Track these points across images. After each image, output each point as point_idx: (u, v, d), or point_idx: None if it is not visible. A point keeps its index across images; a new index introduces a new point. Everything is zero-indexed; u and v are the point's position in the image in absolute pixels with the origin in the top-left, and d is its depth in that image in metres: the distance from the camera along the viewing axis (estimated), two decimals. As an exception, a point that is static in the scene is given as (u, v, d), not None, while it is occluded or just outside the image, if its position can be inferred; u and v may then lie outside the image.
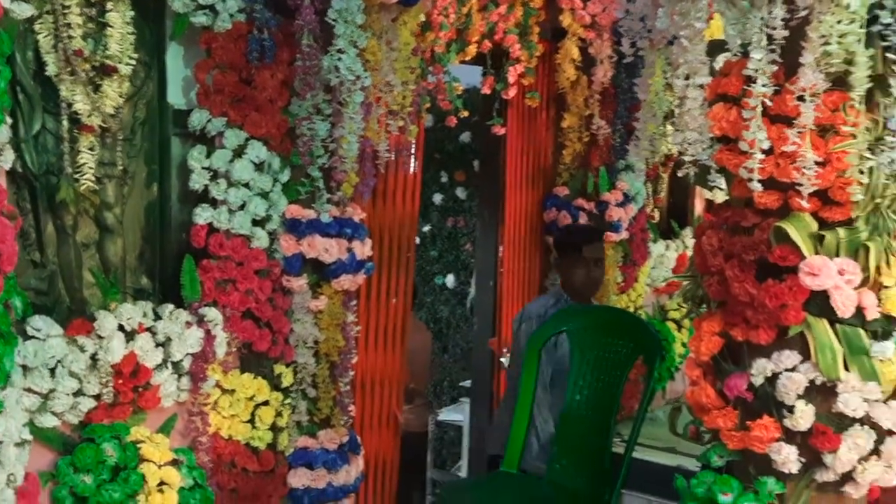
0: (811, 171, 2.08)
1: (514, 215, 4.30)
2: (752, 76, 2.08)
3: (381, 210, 3.65)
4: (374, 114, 3.11)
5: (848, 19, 2.01)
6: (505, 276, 4.31)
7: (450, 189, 6.55)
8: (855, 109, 2.08)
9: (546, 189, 4.42)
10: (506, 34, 3.92)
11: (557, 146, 4.43)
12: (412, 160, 3.77)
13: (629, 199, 4.54)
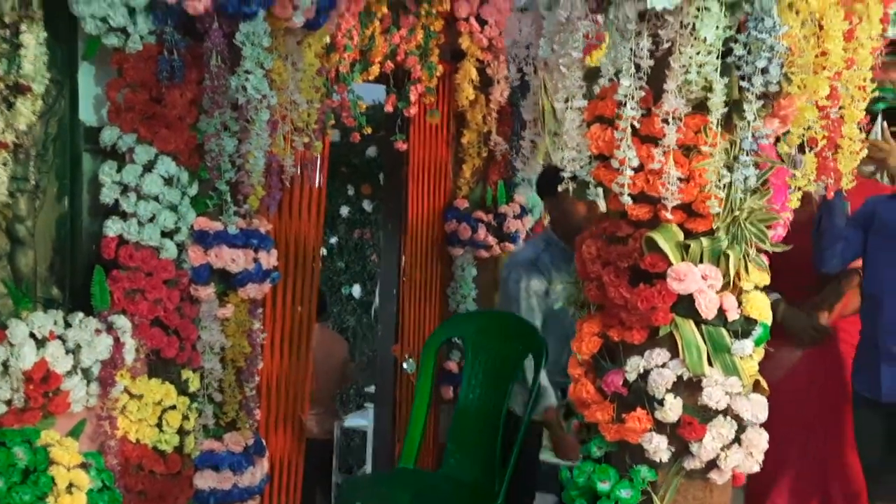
0: (674, 186, 2.32)
1: (416, 227, 4.50)
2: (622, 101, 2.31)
3: (288, 222, 3.80)
4: (280, 131, 3.26)
5: (705, 51, 2.25)
6: (407, 284, 4.49)
7: (356, 202, 6.72)
8: (713, 131, 2.32)
9: (446, 202, 4.63)
10: (407, 55, 4.12)
11: (457, 161, 4.65)
12: (317, 174, 3.93)
13: (526, 212, 4.77)
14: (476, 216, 4.60)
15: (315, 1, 3.13)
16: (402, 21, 4.05)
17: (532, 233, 4.79)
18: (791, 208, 2.59)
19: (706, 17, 2.21)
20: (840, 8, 2.31)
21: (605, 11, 2.36)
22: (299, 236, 3.87)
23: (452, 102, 4.52)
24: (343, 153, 6.41)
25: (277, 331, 3.79)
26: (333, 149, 4.35)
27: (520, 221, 4.69)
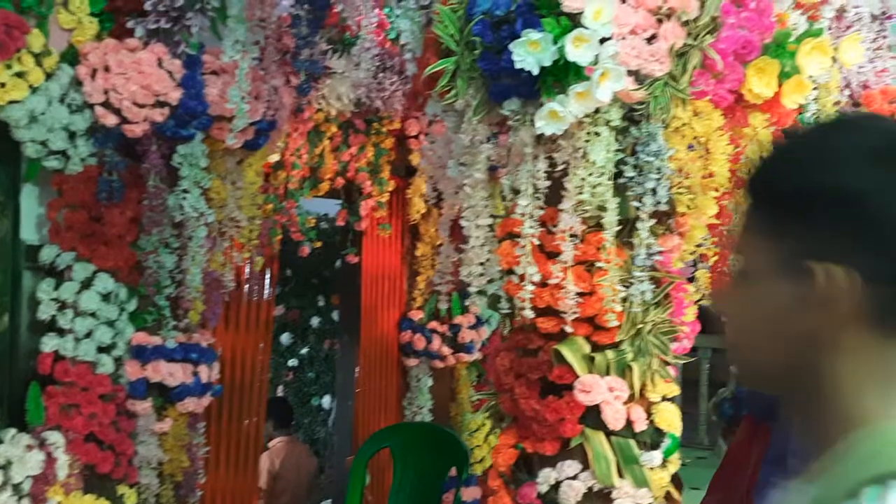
0: (573, 300, 2.40)
1: (371, 338, 4.57)
2: (522, 219, 2.41)
3: (234, 334, 3.88)
4: (220, 247, 3.37)
5: (598, 173, 2.36)
6: (362, 395, 4.54)
7: (327, 312, 6.81)
8: (609, 248, 2.42)
9: (401, 313, 4.71)
10: (358, 172, 4.26)
11: (412, 273, 4.75)
12: (265, 288, 4.02)
13: (482, 322, 4.84)
14: (430, 327, 4.68)
15: (255, 123, 3.27)
16: (353, 139, 4.20)
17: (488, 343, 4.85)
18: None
19: (596, 141, 2.33)
20: (724, 132, 2.44)
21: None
22: (246, 349, 3.94)
23: (405, 216, 4.64)
24: (314, 264, 6.53)
25: (222, 445, 3.83)
26: (305, 261, 4.47)
27: (475, 332, 4.76)
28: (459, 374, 4.59)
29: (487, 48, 2.33)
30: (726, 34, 2.32)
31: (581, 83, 2.22)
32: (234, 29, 2.99)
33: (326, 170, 4.11)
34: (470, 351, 4.74)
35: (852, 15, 3.57)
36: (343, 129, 4.16)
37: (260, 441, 4.05)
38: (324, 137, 4.06)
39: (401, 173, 4.57)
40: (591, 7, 2.20)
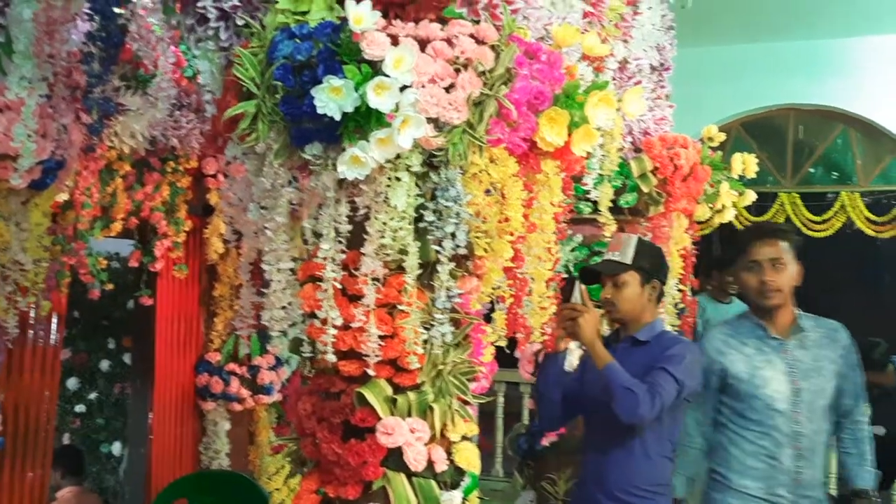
0: (376, 343, 2.43)
1: (166, 382, 4.44)
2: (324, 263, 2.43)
3: (17, 383, 3.67)
4: (2, 291, 3.19)
5: (399, 217, 2.42)
6: (156, 442, 4.39)
7: (117, 355, 6.54)
8: (410, 291, 2.47)
9: (198, 355, 4.60)
10: (153, 211, 4.15)
11: (210, 314, 4.65)
12: (52, 332, 3.84)
13: (281, 363, 4.80)
14: (229, 368, 4.59)
15: (42, 162, 3.13)
16: (147, 178, 4.09)
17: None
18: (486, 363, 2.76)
19: (397, 186, 2.38)
20: (519, 179, 2.56)
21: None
22: (31, 398, 3.74)
23: (203, 256, 4.55)
24: (105, 305, 6.26)
25: (3, 499, 3.60)
26: (94, 302, 4.29)
27: (274, 373, 4.71)
28: (259, 416, 4.53)
29: (289, 92, 2.34)
30: (520, 85, 2.43)
31: (382, 129, 2.27)
32: (20, 64, 2.87)
33: (119, 209, 3.98)
34: (269, 392, 4.68)
35: (634, 66, 3.84)
36: (137, 168, 4.05)
37: (45, 494, 3.83)
38: (116, 176, 3.93)
39: (198, 213, 4.49)
40: (392, 56, 2.26)
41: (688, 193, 4.36)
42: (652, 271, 3.32)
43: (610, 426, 3.19)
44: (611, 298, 3.31)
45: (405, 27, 2.32)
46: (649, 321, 3.34)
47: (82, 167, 3.67)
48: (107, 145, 3.77)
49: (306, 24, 2.39)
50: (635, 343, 3.32)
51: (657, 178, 4.25)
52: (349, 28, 2.26)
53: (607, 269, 3.32)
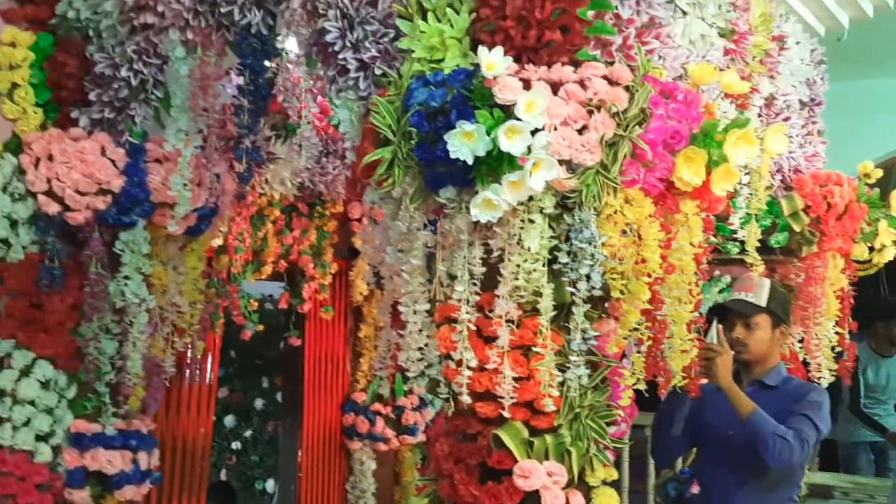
0: (510, 385, 2.43)
1: (314, 421, 4.55)
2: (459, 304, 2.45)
3: (175, 420, 3.84)
4: (160, 332, 3.36)
5: (532, 259, 2.42)
6: (304, 480, 4.50)
7: (271, 394, 6.75)
8: (545, 333, 2.47)
9: (344, 395, 4.71)
10: (300, 255, 4.29)
11: (355, 354, 4.76)
12: (207, 371, 4.01)
13: (425, 403, 4.85)
14: (374, 409, 4.67)
15: (197, 209, 3.30)
16: (295, 222, 4.24)
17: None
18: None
19: (530, 228, 2.39)
20: (656, 219, 2.52)
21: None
22: (187, 434, 3.90)
23: (348, 297, 4.67)
24: (258, 346, 6.48)
25: (161, 532, 3.77)
26: (249, 342, 4.47)
27: (419, 413, 4.77)
28: (403, 456, 4.58)
29: (423, 138, 2.40)
30: (655, 125, 2.40)
31: (514, 172, 2.29)
32: (177, 118, 3.04)
33: (269, 253, 4.14)
34: (414, 433, 4.73)
35: (781, 102, 3.72)
36: (286, 213, 4.21)
37: (200, 528, 3.98)
38: (267, 221, 4.10)
39: (344, 255, 4.61)
40: (524, 99, 2.28)
41: (843, 232, 4.18)
42: (783, 316, 3.31)
43: (738, 466, 3.18)
44: (742, 339, 3.30)
45: (537, 71, 2.34)
46: (774, 365, 3.34)
47: (235, 213, 3.85)
48: (257, 192, 3.95)
49: (441, 71, 2.45)
50: (764, 387, 3.30)
51: (809, 217, 4.10)
52: (482, 74, 2.30)
53: (741, 309, 3.27)
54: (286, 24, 2.84)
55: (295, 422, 4.60)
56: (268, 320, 4.62)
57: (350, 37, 2.65)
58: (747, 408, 3.11)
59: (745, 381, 3.36)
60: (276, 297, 4.73)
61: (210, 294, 3.75)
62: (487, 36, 2.40)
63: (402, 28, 2.56)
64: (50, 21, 3.21)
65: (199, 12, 2.91)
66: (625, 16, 2.43)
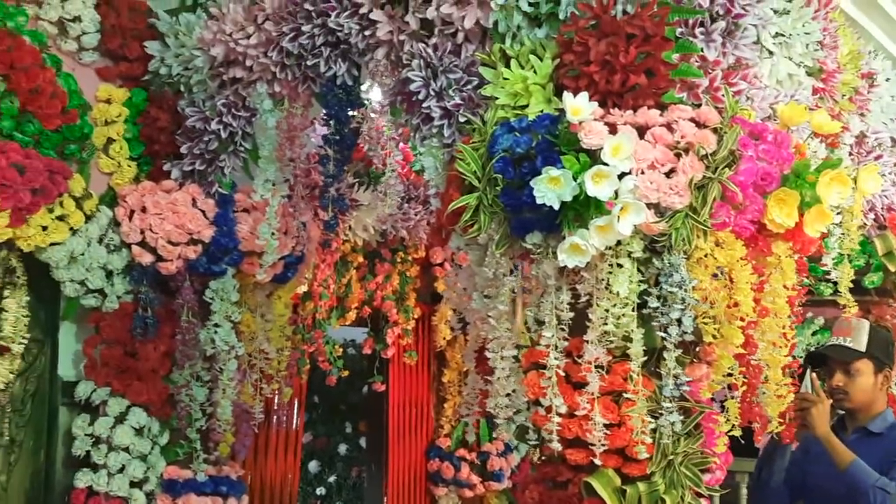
0: (601, 432, 2.40)
1: (398, 467, 4.55)
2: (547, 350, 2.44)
3: (262, 465, 3.88)
4: (249, 379, 3.41)
5: (621, 304, 2.40)
6: (390, 527, 4.50)
7: (354, 439, 6.77)
8: (636, 378, 2.43)
9: (429, 440, 4.70)
10: (384, 300, 4.32)
11: (439, 399, 4.75)
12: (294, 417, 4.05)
13: (511, 449, 4.81)
14: (459, 454, 4.65)
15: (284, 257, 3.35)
16: (378, 268, 4.28)
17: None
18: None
19: (619, 272, 2.37)
20: (748, 262, 2.47)
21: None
22: (275, 479, 3.94)
23: (431, 342, 4.68)
24: (341, 391, 6.52)
25: (249, 577, 3.78)
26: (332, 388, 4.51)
27: (504, 459, 4.73)
28: (489, 502, 4.54)
29: (509, 184, 2.40)
30: (745, 166, 2.36)
31: (602, 217, 2.28)
32: (264, 168, 3.11)
33: (353, 299, 4.18)
34: (499, 479, 4.69)
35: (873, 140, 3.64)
36: (369, 259, 4.25)
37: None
38: (350, 267, 4.15)
39: (426, 300, 4.63)
40: (610, 144, 2.27)
41: (941, 271, 4.06)
42: (885, 359, 3.17)
43: None
44: (843, 387, 3.18)
45: (623, 115, 2.34)
46: (880, 411, 3.18)
47: (320, 260, 3.90)
48: (341, 239, 4.00)
49: (525, 117, 2.45)
50: (868, 434, 3.17)
51: (905, 256, 3.99)
52: (567, 119, 2.30)
53: (840, 356, 3.16)
54: (370, 75, 2.90)
55: (380, 467, 4.61)
56: (350, 365, 4.64)
57: (434, 85, 2.68)
58: (846, 458, 2.99)
59: (850, 427, 3.24)
60: (358, 343, 4.76)
61: (296, 340, 3.80)
62: (571, 81, 2.40)
63: (486, 75, 2.58)
64: (143, 77, 3.32)
65: (285, 65, 2.98)
66: (711, 57, 2.41)
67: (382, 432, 4.56)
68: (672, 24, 2.37)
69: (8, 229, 2.81)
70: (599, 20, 2.36)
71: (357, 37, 2.81)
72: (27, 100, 2.91)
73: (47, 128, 2.97)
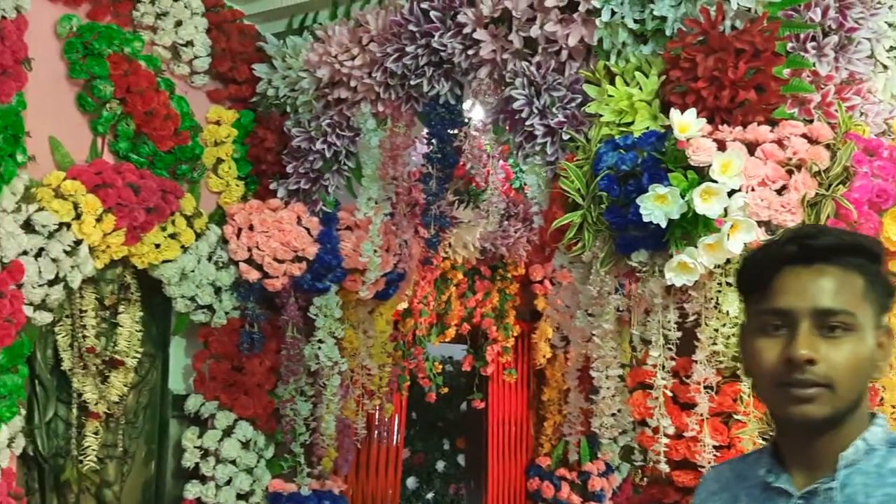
0: (711, 454, 2.36)
1: (498, 485, 4.54)
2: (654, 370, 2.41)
3: (364, 480, 3.92)
4: (352, 394, 3.45)
5: (731, 323, 2.35)
6: (489, 547, 4.49)
7: (452, 456, 6.77)
8: (746, 399, 2.38)
9: (528, 459, 4.68)
10: (483, 318, 4.33)
11: (539, 418, 4.73)
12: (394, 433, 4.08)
13: (612, 469, 4.76)
14: (559, 474, 4.62)
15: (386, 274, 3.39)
16: (478, 285, 4.29)
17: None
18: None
19: (729, 291, 2.32)
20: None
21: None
22: (376, 495, 3.97)
23: (531, 360, 4.66)
24: (439, 408, 6.54)
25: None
26: (430, 404, 4.55)
27: (605, 480, 4.68)
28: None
29: (614, 202, 2.39)
30: (860, 183, 2.30)
31: (711, 235, 2.24)
32: (368, 186, 3.15)
33: (453, 316, 4.20)
34: (600, 500, 4.65)
35: None
36: (469, 276, 4.26)
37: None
38: (450, 284, 4.17)
39: (526, 318, 4.62)
40: (719, 160, 2.24)
41: None
42: None
43: None
44: None
45: (732, 131, 2.30)
46: None
47: (420, 278, 3.93)
48: (441, 256, 4.03)
49: (630, 134, 2.44)
50: None
51: None
52: (674, 136, 2.27)
53: None
54: (473, 94, 2.92)
55: (479, 485, 4.60)
56: (449, 382, 4.67)
57: (537, 103, 2.68)
58: None
59: None
60: (457, 360, 4.78)
61: (397, 357, 3.83)
62: (678, 98, 2.38)
63: (590, 93, 2.57)
64: (251, 99, 3.41)
65: (389, 85, 3.03)
66: (823, 72, 2.35)
67: (481, 450, 4.56)
68: (783, 38, 2.33)
69: (123, 247, 2.91)
70: (708, 36, 2.33)
71: (460, 56, 2.84)
72: (142, 122, 3.02)
73: (161, 149, 3.08)
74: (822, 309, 1.25)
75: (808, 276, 1.27)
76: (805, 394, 1.23)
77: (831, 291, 1.26)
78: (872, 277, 1.28)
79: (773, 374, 1.26)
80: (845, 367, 1.23)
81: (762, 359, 1.28)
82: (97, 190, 2.82)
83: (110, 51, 2.96)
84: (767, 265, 1.31)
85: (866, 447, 1.27)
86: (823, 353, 1.23)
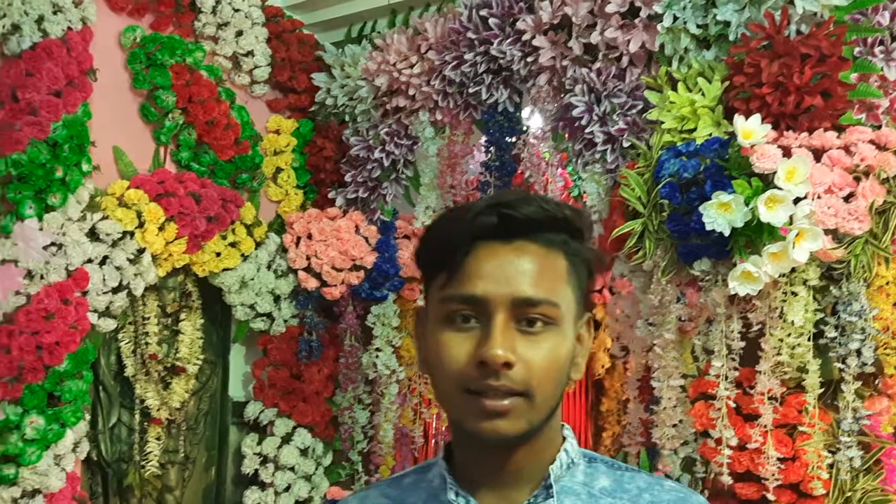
0: (775, 466, 2.31)
1: (556, 496, 4.49)
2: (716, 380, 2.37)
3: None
4: (409, 403, 3.45)
5: (796, 333, 2.30)
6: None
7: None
8: (811, 411, 2.33)
9: (587, 470, 4.63)
10: (542, 326, 4.29)
11: (597, 428, 4.67)
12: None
13: (670, 480, 4.69)
14: (617, 484, 4.56)
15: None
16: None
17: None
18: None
19: (794, 301, 2.28)
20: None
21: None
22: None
23: (589, 370, 4.61)
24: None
25: None
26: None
27: (663, 490, 4.61)
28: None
29: (676, 210, 2.36)
30: (931, 191, 2.25)
31: (776, 243, 2.20)
32: (425, 195, 3.15)
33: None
34: (659, 510, 4.58)
35: None
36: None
37: None
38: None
39: (584, 327, 4.58)
40: (784, 167, 2.19)
41: None
42: None
43: None
44: None
45: (798, 138, 2.26)
46: None
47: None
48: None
49: (693, 141, 2.40)
50: None
51: None
52: (738, 142, 2.24)
53: None
54: (532, 101, 2.90)
55: (537, 495, 4.57)
56: (507, 391, 4.65)
57: (597, 110, 2.66)
58: None
59: None
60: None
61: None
62: (742, 104, 2.34)
63: (651, 99, 2.55)
64: (310, 108, 3.43)
65: (447, 94, 3.02)
66: (891, 77, 2.30)
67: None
68: (850, 43, 2.28)
69: (185, 255, 2.94)
70: (772, 41, 2.30)
71: (519, 63, 2.83)
72: (204, 131, 3.06)
73: (221, 158, 3.11)
74: (523, 298, 1.03)
75: (506, 256, 1.05)
76: (499, 406, 1.02)
77: (533, 276, 1.04)
78: (574, 257, 1.08)
79: (460, 377, 1.04)
80: (545, 369, 1.03)
81: (448, 357, 1.04)
82: (160, 199, 2.87)
83: (172, 61, 3.01)
84: (458, 240, 1.07)
85: (568, 461, 1.12)
86: (521, 353, 1.02)
